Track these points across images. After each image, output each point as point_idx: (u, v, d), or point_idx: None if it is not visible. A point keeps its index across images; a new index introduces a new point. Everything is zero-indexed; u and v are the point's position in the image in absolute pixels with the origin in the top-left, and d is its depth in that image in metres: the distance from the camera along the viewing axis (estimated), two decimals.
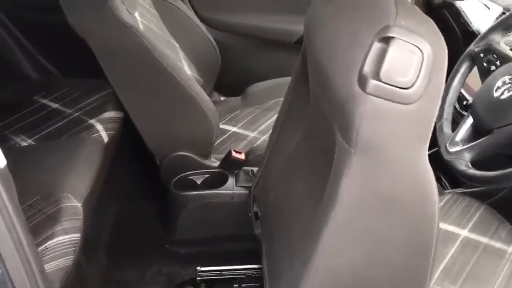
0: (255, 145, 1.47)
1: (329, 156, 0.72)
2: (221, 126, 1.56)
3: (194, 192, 1.29)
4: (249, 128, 1.57)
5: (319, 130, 0.85)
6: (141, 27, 1.34)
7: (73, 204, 1.10)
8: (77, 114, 1.50)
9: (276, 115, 1.71)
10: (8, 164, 1.29)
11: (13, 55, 1.76)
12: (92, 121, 1.44)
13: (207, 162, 1.38)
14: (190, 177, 1.34)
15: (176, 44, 1.55)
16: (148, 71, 1.24)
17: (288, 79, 1.80)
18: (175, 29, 1.57)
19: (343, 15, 0.70)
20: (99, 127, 1.42)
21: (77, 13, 1.15)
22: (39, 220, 1.03)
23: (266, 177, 1.09)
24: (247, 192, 1.28)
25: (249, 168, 1.31)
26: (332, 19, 0.73)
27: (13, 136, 1.45)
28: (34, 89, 1.69)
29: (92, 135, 1.38)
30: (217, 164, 1.38)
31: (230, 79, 1.82)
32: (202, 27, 1.65)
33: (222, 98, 1.83)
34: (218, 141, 1.49)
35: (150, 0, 1.52)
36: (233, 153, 1.33)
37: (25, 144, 1.40)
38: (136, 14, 1.36)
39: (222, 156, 1.41)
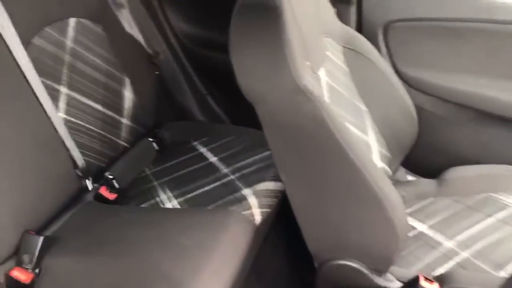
0: (451, 263, 1.06)
1: None
2: None
3: None
4: (445, 232, 1.15)
5: None
6: (324, 90, 1.05)
7: None
8: (232, 177, 1.26)
9: (485, 219, 1.30)
10: (144, 231, 1.11)
11: (182, 94, 1.63)
12: (246, 191, 1.18)
13: (381, 281, 1.01)
14: None
15: (364, 108, 1.21)
16: (321, 152, 0.93)
17: (507, 168, 1.36)
18: (366, 89, 1.24)
19: None
20: (252, 201, 1.16)
21: (248, 74, 0.89)
22: None
23: None
24: None
25: None
26: None
27: (161, 190, 1.28)
28: (196, 133, 1.52)
29: (243, 211, 1.12)
30: (395, 286, 1.00)
31: (425, 155, 1.42)
32: (401, 87, 1.29)
33: (409, 178, 1.44)
34: None
35: (341, 51, 1.22)
36: (421, 281, 0.94)
37: (169, 205, 1.21)
38: (322, 72, 1.07)
39: (402, 270, 1.03)
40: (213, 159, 1.37)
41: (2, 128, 1.05)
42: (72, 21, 1.29)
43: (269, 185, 1.20)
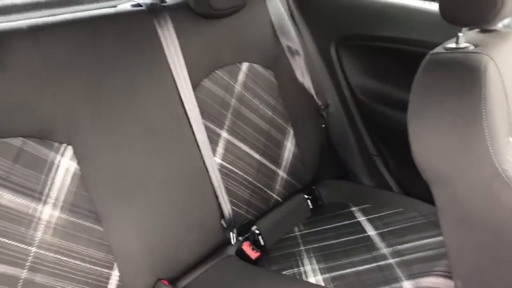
0: None
1: None
2: None
3: None
4: None
5: None
6: None
7: None
8: (391, 260, 1.05)
9: None
10: None
11: (348, 151, 1.48)
12: (406, 284, 0.97)
13: None
14: None
15: None
16: None
17: None
18: None
19: None
20: None
21: (428, 147, 0.71)
22: None
23: None
24: None
25: None
26: None
27: (307, 258, 1.13)
28: (358, 197, 1.35)
29: None
30: None
31: None
32: None
33: None
34: None
35: None
36: None
37: (312, 279, 1.05)
38: None
39: None
40: (372, 232, 1.18)
41: (158, 167, 1.03)
42: (244, 66, 1.26)
43: (437, 282, 0.96)
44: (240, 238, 1.19)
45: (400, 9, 1.24)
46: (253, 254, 1.16)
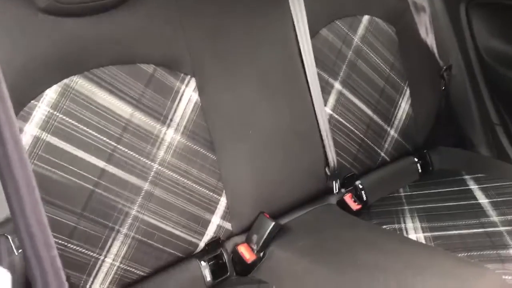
0: None
1: None
2: None
3: None
4: None
5: None
6: None
7: None
8: (502, 228, 1.00)
9: None
10: (377, 256, 0.97)
11: (467, 117, 1.40)
12: None
13: None
14: None
15: None
16: None
17: None
18: None
19: None
20: None
21: None
22: None
23: None
24: None
25: None
26: None
27: (409, 216, 1.12)
28: (472, 166, 1.29)
29: (504, 276, 0.87)
30: None
31: None
32: None
33: None
34: None
35: None
36: None
37: (413, 236, 1.04)
38: None
39: None
40: (483, 200, 1.13)
41: (270, 107, 1.08)
42: (365, 19, 1.24)
43: None
44: (343, 190, 1.21)
45: None
46: (355, 206, 1.18)
